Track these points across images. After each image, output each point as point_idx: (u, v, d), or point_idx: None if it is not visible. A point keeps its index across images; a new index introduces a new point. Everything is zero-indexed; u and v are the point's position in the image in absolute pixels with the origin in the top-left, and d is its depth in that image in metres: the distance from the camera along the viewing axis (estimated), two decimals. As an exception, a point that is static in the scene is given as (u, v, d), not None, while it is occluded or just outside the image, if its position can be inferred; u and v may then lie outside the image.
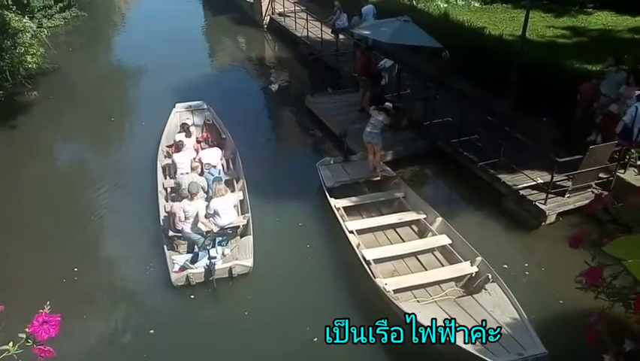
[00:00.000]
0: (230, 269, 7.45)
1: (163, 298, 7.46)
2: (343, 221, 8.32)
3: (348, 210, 8.78)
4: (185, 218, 7.83)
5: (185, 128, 10.34)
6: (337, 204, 8.76)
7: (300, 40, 17.73)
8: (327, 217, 8.80)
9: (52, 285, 7.37)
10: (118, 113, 14.10)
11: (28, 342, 1.70)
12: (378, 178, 9.66)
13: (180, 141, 9.85)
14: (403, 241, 8.19)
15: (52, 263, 8.02)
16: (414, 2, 17.52)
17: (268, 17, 20.34)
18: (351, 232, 8.05)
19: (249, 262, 7.56)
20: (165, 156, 10.37)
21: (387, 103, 9.63)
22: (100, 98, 14.70)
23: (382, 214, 8.83)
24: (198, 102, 12.24)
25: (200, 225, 7.86)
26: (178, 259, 7.67)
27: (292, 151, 12.32)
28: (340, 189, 9.33)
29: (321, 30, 16.16)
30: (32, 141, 12.27)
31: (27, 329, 1.70)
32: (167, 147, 10.67)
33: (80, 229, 8.94)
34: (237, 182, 9.69)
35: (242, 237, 8.21)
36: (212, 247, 7.80)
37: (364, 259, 7.38)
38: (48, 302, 1.76)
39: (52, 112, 13.63)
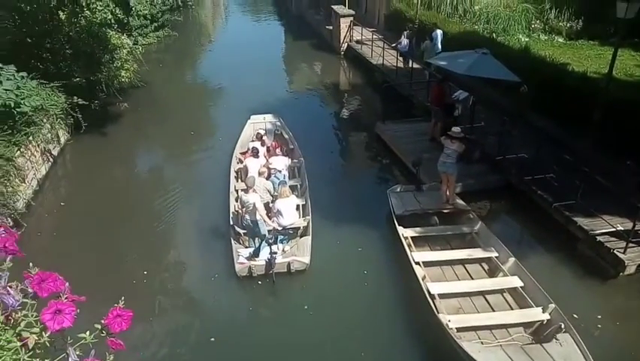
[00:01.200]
0: (288, 264, 8.04)
1: (228, 291, 8.00)
2: (410, 251, 8.17)
3: (416, 241, 8.61)
4: (243, 208, 8.39)
5: (258, 136, 11.19)
6: (405, 233, 8.63)
7: (375, 67, 17.94)
8: (391, 245, 8.74)
9: (124, 285, 7.84)
10: (197, 127, 14.93)
11: (102, 333, 1.85)
12: (451, 210, 9.41)
13: (254, 147, 10.51)
14: (472, 278, 7.91)
15: (126, 263, 8.58)
16: (493, 35, 17.25)
17: (345, 44, 20.78)
18: (418, 263, 7.89)
19: (306, 259, 8.12)
20: (238, 162, 11.15)
21: (455, 128, 9.38)
22: (182, 113, 15.66)
23: (452, 248, 8.57)
24: (272, 115, 13.22)
25: (260, 222, 8.25)
26: (242, 251, 8.37)
27: (358, 174, 12.40)
28: (410, 218, 9.15)
29: (397, 59, 16.27)
30: (119, 147, 13.23)
31: (102, 321, 1.86)
32: (241, 153, 11.48)
33: (154, 231, 9.53)
34: (301, 188, 10.27)
35: (301, 237, 8.80)
36: (274, 243, 8.26)
37: (429, 292, 7.19)
38: (122, 298, 1.91)
39: (139, 123, 14.67)
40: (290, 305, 7.78)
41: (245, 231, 8.71)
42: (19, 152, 9.95)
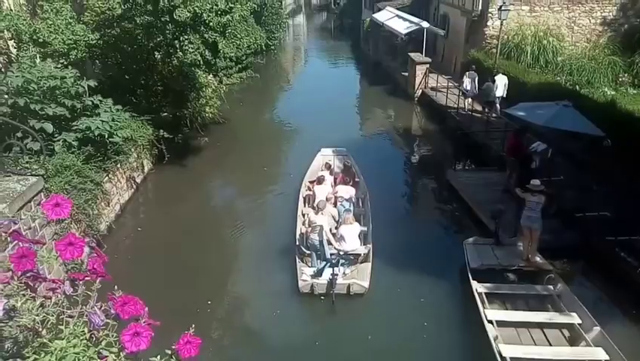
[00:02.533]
0: (348, 286, 8.42)
1: (290, 306, 8.51)
2: (483, 308, 7.76)
3: (490, 298, 8.16)
4: (310, 227, 9.03)
5: (327, 166, 12.16)
6: (479, 288, 8.22)
7: (449, 114, 17.81)
8: (458, 299, 8.44)
9: (190, 310, 8.11)
10: (270, 162, 15.51)
11: (172, 358, 1.94)
12: (531, 269, 8.84)
13: (322, 175, 11.26)
14: (550, 344, 7.33)
15: (194, 288, 8.93)
16: (576, 87, 16.62)
17: (420, 91, 20.87)
18: (490, 321, 7.46)
19: (365, 283, 8.46)
20: (307, 189, 11.88)
21: (534, 180, 8.97)
22: (258, 149, 16.34)
23: (529, 309, 8.03)
24: (341, 148, 13.93)
25: (325, 243, 8.81)
26: (306, 270, 8.91)
27: (424, 219, 12.21)
28: (485, 272, 8.70)
29: (472, 106, 16.08)
30: (196, 179, 13.94)
31: (173, 346, 1.95)
32: (310, 182, 12.17)
33: (223, 255, 10.14)
34: (364, 217, 10.57)
35: (362, 263, 9.10)
36: (336, 266, 8.58)
37: (500, 355, 6.75)
38: (193, 325, 2.00)
39: (216, 157, 15.43)
40: (347, 327, 8.03)
41: (309, 251, 9.15)
42: (107, 177, 10.78)
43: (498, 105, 16.08)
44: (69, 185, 8.92)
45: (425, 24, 22.61)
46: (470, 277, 8.46)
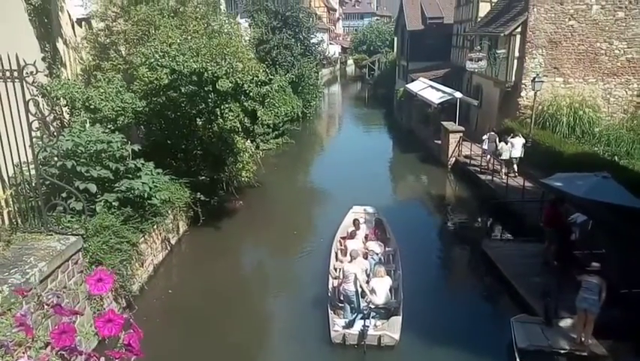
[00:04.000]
0: (379, 338, 8.62)
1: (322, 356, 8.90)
2: None
3: None
4: (344, 276, 9.20)
5: (356, 223, 12.41)
6: None
7: (483, 183, 17.65)
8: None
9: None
10: (302, 227, 15.58)
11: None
12: (584, 353, 8.29)
13: (354, 230, 11.85)
14: None
15: (224, 352, 8.87)
16: (615, 158, 16.31)
17: (453, 159, 20.90)
18: None
19: (396, 335, 8.65)
20: (339, 244, 12.19)
21: (594, 263, 8.62)
22: (290, 213, 16.58)
23: None
24: (371, 207, 14.38)
25: (358, 294, 9.05)
26: (338, 321, 9.18)
27: (457, 289, 11.90)
28: (534, 354, 8.22)
29: (507, 175, 15.93)
30: (229, 241, 14.09)
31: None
32: (342, 237, 12.50)
33: (250, 324, 9.96)
34: (394, 273, 10.78)
35: (392, 316, 9.22)
36: (367, 318, 8.81)
37: None
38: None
39: (250, 220, 15.62)
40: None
41: (342, 304, 9.49)
42: (143, 238, 11.02)
43: (515, 166, 17.27)
44: (106, 245, 9.16)
45: (458, 94, 23.02)
46: (517, 358, 8.00)
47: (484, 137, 18.77)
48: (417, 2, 38.08)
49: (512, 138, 17.25)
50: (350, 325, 8.96)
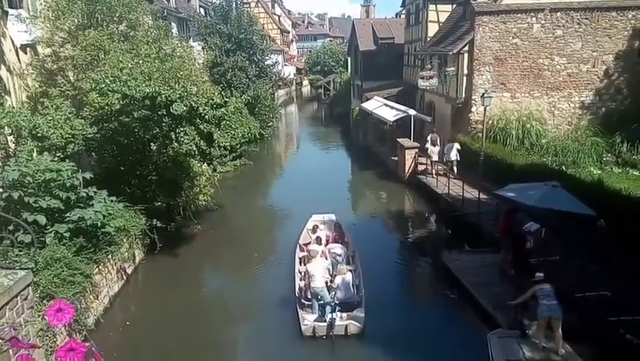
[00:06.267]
0: (346, 327, 9.70)
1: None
2: None
3: None
4: (309, 276, 10.34)
5: (315, 228, 13.58)
6: None
7: (440, 196, 18.04)
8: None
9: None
10: (262, 248, 15.33)
11: None
12: None
13: (314, 235, 12.89)
14: None
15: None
16: (563, 167, 17.06)
17: (410, 174, 21.29)
18: None
19: (360, 324, 9.74)
20: (301, 250, 13.16)
21: (538, 273, 8.84)
22: (250, 234, 16.37)
23: None
24: (330, 214, 15.12)
25: (324, 289, 10.10)
26: (307, 316, 10.16)
27: (421, 303, 12.14)
28: None
29: (463, 189, 16.35)
30: (188, 268, 13.69)
31: None
32: (304, 244, 13.36)
33: (214, 353, 9.71)
34: (355, 272, 11.58)
35: (356, 308, 10.25)
36: (333, 311, 9.78)
37: None
38: None
39: (208, 244, 15.29)
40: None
41: (309, 302, 10.44)
42: (97, 269, 10.57)
43: (455, 168, 18.99)
44: (58, 278, 8.72)
45: (412, 111, 23.59)
46: None
47: (428, 138, 20.59)
48: (368, 24, 39.10)
49: (449, 144, 19.60)
50: (319, 318, 9.91)
